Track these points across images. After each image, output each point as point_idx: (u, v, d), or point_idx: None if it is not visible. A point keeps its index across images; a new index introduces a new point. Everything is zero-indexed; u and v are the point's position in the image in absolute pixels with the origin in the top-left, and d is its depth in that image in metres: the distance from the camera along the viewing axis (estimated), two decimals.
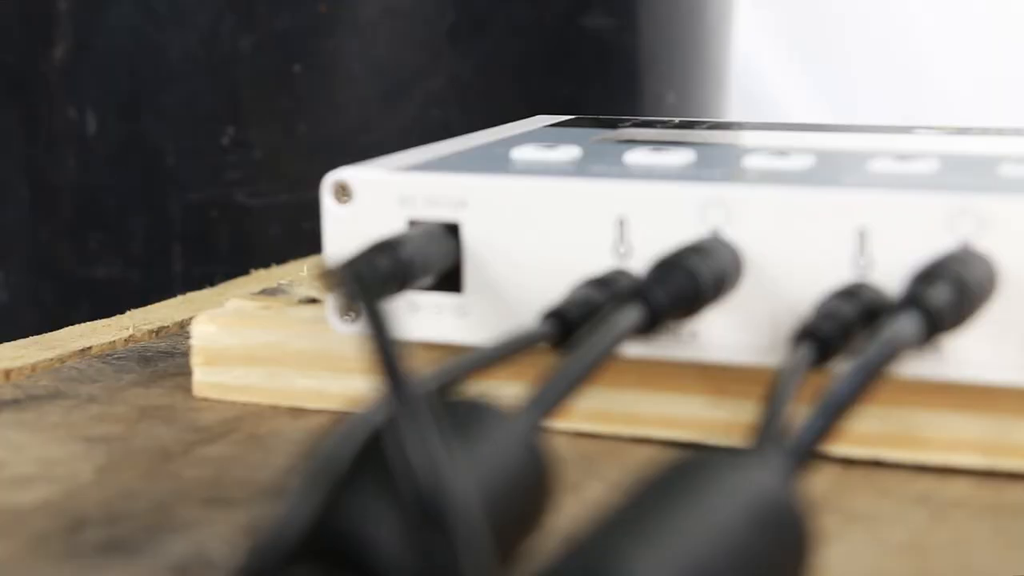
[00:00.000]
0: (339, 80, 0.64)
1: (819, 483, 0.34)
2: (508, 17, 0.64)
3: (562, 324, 0.33)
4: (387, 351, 0.24)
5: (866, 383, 0.28)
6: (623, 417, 0.37)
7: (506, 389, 0.32)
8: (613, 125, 0.44)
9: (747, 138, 0.42)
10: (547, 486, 0.26)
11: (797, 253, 0.34)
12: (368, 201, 0.37)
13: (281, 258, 0.54)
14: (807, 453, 0.26)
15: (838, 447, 0.35)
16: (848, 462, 0.36)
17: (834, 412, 0.27)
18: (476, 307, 0.37)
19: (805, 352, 0.31)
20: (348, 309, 0.38)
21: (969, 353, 0.33)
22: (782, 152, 0.37)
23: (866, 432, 0.35)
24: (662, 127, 0.44)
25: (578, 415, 0.37)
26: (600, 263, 0.35)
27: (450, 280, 0.37)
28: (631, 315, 0.31)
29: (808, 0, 0.88)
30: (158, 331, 0.46)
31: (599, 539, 0.22)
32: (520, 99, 0.60)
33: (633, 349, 0.35)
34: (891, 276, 0.33)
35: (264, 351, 0.40)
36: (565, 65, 0.67)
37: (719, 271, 0.34)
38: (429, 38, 0.64)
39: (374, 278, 0.26)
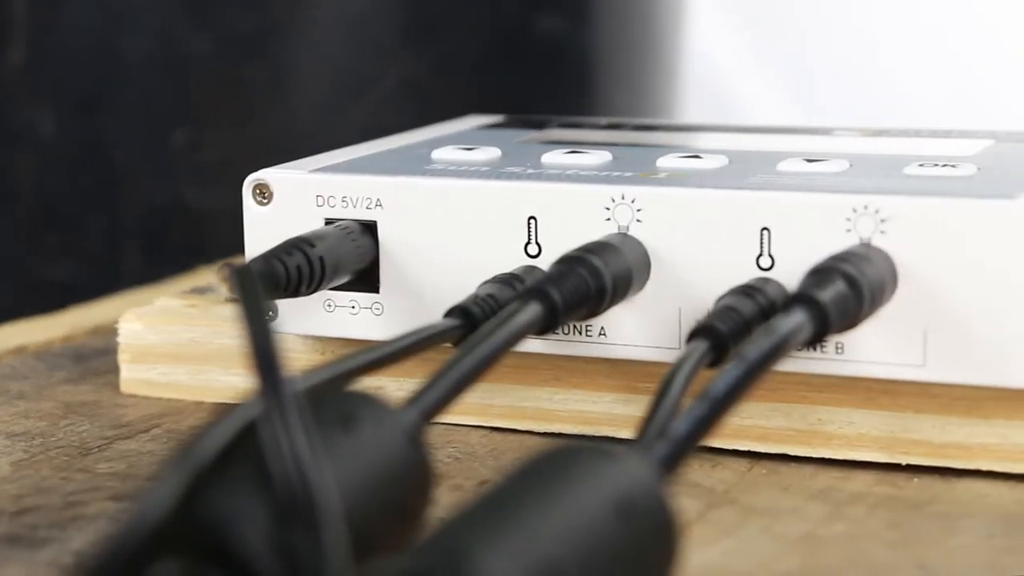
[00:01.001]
0: (293, 81, 0.65)
1: (723, 478, 0.35)
2: (461, 18, 0.65)
3: (466, 321, 0.33)
4: (262, 347, 0.25)
5: (746, 380, 0.28)
6: (536, 413, 0.38)
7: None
8: (542, 126, 0.45)
9: (668, 139, 0.43)
10: (427, 479, 0.26)
11: (704, 252, 0.35)
12: (287, 201, 0.38)
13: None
14: (683, 447, 0.26)
15: (744, 443, 0.36)
16: (754, 458, 0.36)
17: (712, 408, 0.27)
18: (392, 305, 0.37)
19: (698, 348, 0.31)
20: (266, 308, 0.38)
21: (870, 350, 0.34)
22: (695, 153, 0.38)
23: (772, 428, 0.36)
24: (589, 128, 0.44)
25: (492, 412, 0.38)
26: (513, 262, 0.36)
27: (368, 279, 0.37)
28: (528, 313, 0.32)
29: (771, 1, 0.89)
30: (96, 329, 0.47)
31: (453, 530, 0.22)
32: (473, 99, 0.60)
33: (545, 346, 0.36)
34: (795, 275, 0.34)
35: (189, 348, 0.40)
36: (518, 66, 0.67)
37: (623, 269, 0.34)
38: (383, 39, 0.65)
39: (255, 276, 0.26)
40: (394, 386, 0.37)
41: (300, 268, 0.35)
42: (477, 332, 0.31)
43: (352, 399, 0.26)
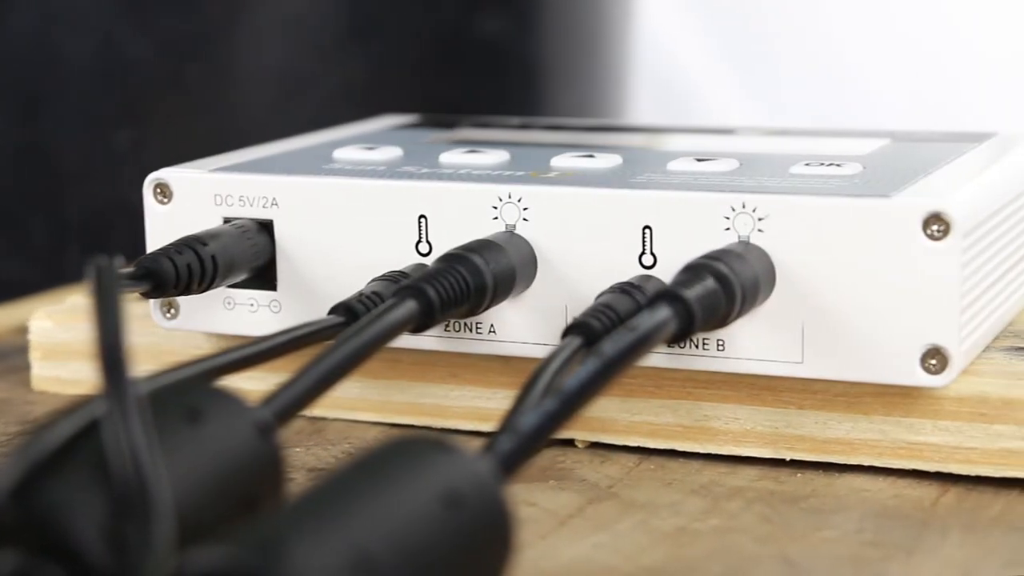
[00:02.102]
0: (234, 82, 0.65)
1: (610, 473, 0.35)
2: (403, 19, 0.65)
3: (349, 317, 0.34)
4: (109, 344, 0.25)
5: (601, 376, 0.28)
6: (433, 410, 0.38)
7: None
8: (455, 125, 0.45)
9: (574, 139, 0.43)
10: (277, 472, 0.27)
11: (588, 250, 0.35)
12: (186, 200, 0.38)
13: None
14: (528, 442, 0.27)
15: (634, 439, 0.37)
16: (644, 453, 0.37)
17: (562, 403, 0.28)
18: (289, 303, 0.38)
19: (569, 345, 0.31)
20: (167, 305, 0.39)
21: (750, 347, 0.34)
22: (589, 153, 0.38)
23: (660, 424, 0.36)
24: (499, 128, 0.45)
25: (391, 408, 0.38)
26: (404, 260, 0.36)
27: (267, 277, 0.38)
28: (403, 310, 0.32)
29: (734, 2, 0.89)
30: (20, 327, 0.47)
31: (271, 520, 0.23)
32: (415, 101, 0.61)
33: (440, 344, 0.37)
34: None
35: None
36: (460, 67, 0.68)
37: (507, 267, 0.35)
38: (324, 40, 0.65)
39: (114, 273, 0.27)
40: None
41: (191, 266, 0.35)
42: (348, 329, 0.31)
43: (204, 395, 0.27)
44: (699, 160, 0.37)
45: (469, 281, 0.34)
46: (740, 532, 0.32)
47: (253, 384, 0.31)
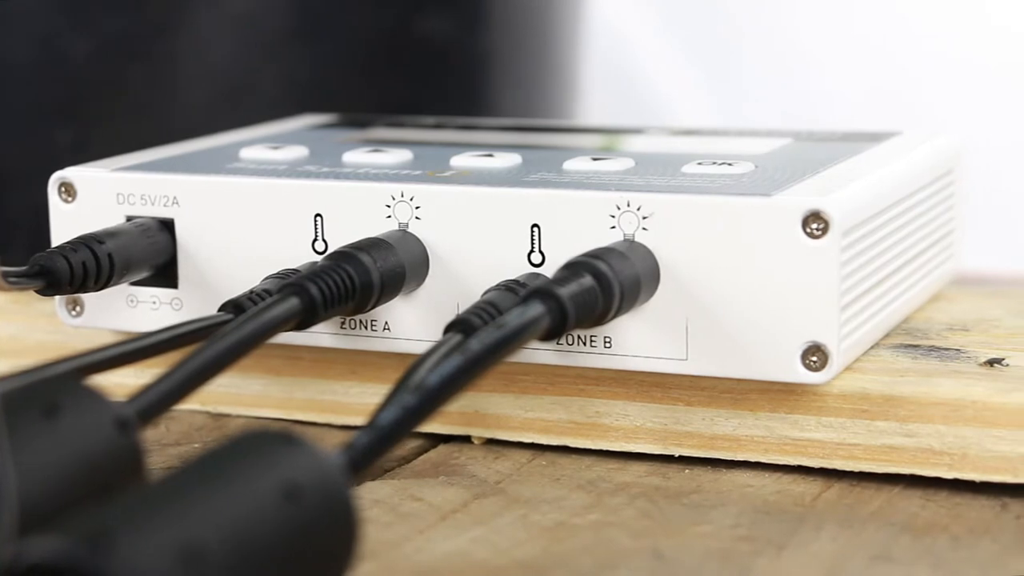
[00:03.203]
0: (177, 82, 0.65)
1: (500, 469, 0.36)
2: (347, 19, 0.66)
3: (238, 314, 0.34)
4: None
5: (464, 372, 0.29)
6: (334, 407, 0.39)
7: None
8: (370, 125, 0.45)
9: (483, 138, 0.43)
10: (137, 464, 0.27)
11: (479, 248, 0.36)
12: (89, 199, 0.39)
13: None
14: (384, 436, 0.27)
15: (528, 435, 0.37)
16: (538, 450, 0.37)
17: (422, 399, 0.28)
18: (190, 301, 0.38)
19: (448, 341, 0.32)
20: (72, 303, 0.39)
21: (635, 344, 0.35)
22: (489, 152, 0.39)
23: (553, 421, 0.37)
24: (413, 127, 0.45)
25: (292, 405, 0.39)
26: (302, 258, 0.37)
27: (169, 274, 0.38)
28: (283, 308, 0.33)
29: (697, 3, 0.89)
30: None
31: (101, 511, 0.23)
32: (359, 100, 0.61)
33: (338, 341, 0.37)
34: None
35: (9, 343, 0.41)
36: (405, 66, 0.68)
37: (396, 265, 0.35)
38: (269, 40, 0.65)
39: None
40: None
41: (86, 264, 0.36)
42: (227, 326, 0.32)
43: (65, 390, 0.27)
44: (594, 159, 0.38)
45: (355, 278, 0.34)
46: (618, 527, 0.32)
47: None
